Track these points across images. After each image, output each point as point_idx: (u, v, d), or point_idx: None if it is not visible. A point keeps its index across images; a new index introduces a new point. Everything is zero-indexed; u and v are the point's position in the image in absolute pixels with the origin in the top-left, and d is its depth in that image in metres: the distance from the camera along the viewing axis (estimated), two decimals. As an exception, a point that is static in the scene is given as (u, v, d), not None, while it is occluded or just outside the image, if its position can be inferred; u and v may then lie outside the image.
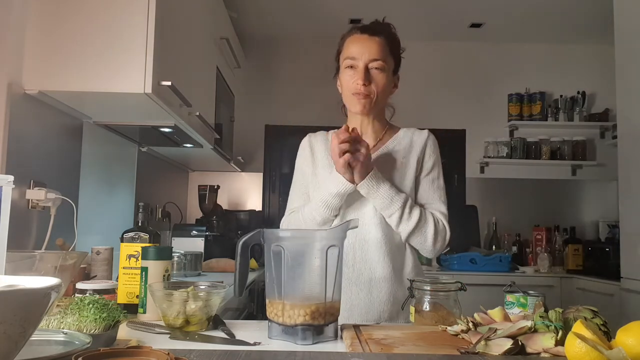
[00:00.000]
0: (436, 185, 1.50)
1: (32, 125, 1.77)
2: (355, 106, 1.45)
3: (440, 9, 3.74)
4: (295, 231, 1.36)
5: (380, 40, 1.43)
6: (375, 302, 1.41)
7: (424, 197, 1.48)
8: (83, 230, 2.00)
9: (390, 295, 1.41)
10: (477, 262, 3.54)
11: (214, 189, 3.59)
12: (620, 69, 2.89)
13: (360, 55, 1.42)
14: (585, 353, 0.78)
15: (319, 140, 1.57)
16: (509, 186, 4.22)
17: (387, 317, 1.41)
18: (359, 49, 1.42)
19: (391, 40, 1.46)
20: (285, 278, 1.05)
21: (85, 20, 1.71)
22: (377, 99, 1.44)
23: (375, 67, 1.41)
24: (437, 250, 1.45)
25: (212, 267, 2.84)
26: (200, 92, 2.52)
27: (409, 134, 1.54)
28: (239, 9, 3.65)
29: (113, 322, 0.97)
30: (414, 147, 1.50)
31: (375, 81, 1.42)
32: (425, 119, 4.23)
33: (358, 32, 1.46)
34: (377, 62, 1.41)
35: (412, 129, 1.55)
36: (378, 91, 1.43)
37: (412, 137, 1.52)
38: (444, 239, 1.44)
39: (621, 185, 2.88)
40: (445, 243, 1.45)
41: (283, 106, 4.24)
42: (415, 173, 1.47)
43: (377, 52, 1.41)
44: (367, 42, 1.43)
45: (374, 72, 1.42)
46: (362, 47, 1.42)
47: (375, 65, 1.41)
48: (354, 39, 1.45)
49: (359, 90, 1.41)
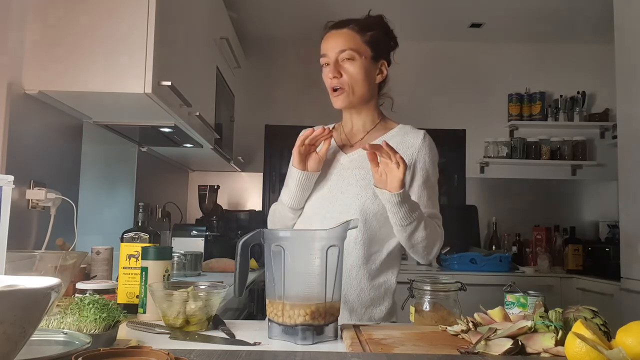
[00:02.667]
0: (431, 192, 1.46)
1: (32, 125, 1.77)
2: (334, 102, 1.45)
3: (440, 9, 3.73)
4: (295, 231, 1.36)
5: (346, 32, 1.43)
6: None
7: (418, 201, 1.42)
8: (83, 230, 2.00)
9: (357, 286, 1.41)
10: (477, 262, 3.54)
11: (214, 189, 3.59)
12: (620, 69, 2.89)
13: (330, 51, 1.42)
14: (585, 353, 0.78)
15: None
16: (509, 186, 4.22)
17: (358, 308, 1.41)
18: (328, 45, 1.43)
19: (363, 29, 1.44)
20: (285, 278, 1.05)
21: (86, 21, 1.71)
22: (354, 90, 1.42)
23: (346, 58, 1.41)
24: (433, 257, 1.44)
25: (212, 267, 2.84)
26: (200, 92, 2.52)
27: (402, 131, 1.49)
28: (239, 9, 3.65)
29: (113, 322, 0.97)
30: (405, 147, 1.44)
31: (347, 72, 1.41)
32: (425, 119, 4.23)
33: (329, 29, 1.47)
34: (345, 53, 1.40)
35: (408, 127, 1.51)
36: (351, 82, 1.41)
37: (406, 136, 1.48)
38: (440, 247, 1.45)
39: (621, 185, 2.88)
40: (440, 248, 1.46)
41: (283, 106, 4.24)
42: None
43: (343, 43, 1.41)
44: (334, 37, 1.43)
45: (344, 63, 1.41)
46: (330, 43, 1.43)
47: (345, 56, 1.40)
48: (325, 38, 1.46)
49: (332, 85, 1.42)
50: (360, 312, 1.42)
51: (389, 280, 1.45)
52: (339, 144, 1.52)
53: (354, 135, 1.52)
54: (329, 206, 1.43)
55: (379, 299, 1.43)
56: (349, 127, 1.53)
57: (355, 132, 1.52)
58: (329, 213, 1.42)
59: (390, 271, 1.46)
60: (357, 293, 1.41)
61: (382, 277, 1.44)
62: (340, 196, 1.42)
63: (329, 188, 1.45)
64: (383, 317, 1.44)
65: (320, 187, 1.46)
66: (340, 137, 1.54)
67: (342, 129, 1.56)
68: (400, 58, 1.59)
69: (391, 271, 1.46)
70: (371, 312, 1.42)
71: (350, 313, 1.41)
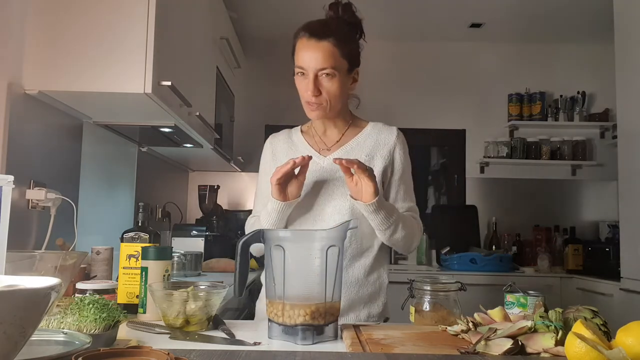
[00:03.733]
0: (408, 186, 1.51)
1: (32, 125, 1.77)
2: (310, 114, 1.44)
3: (440, 9, 3.73)
4: (296, 231, 1.36)
5: (327, 46, 1.37)
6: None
7: (394, 197, 1.49)
8: (83, 230, 2.00)
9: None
10: (477, 262, 3.54)
11: (214, 189, 3.59)
12: (620, 69, 2.89)
13: (308, 65, 1.37)
14: (585, 353, 0.78)
15: (280, 140, 1.56)
16: (509, 186, 4.22)
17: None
18: (307, 58, 1.38)
19: (341, 39, 1.39)
20: (285, 278, 1.05)
21: (86, 20, 1.71)
22: (331, 104, 1.41)
23: (325, 74, 1.37)
24: (413, 249, 1.51)
25: (212, 267, 2.84)
26: (200, 92, 2.52)
27: (375, 130, 1.52)
28: (239, 9, 3.65)
29: (113, 322, 0.97)
30: (381, 146, 1.48)
31: (326, 89, 1.38)
32: (425, 119, 4.24)
33: (306, 35, 1.40)
34: (326, 70, 1.37)
35: (380, 125, 1.53)
36: (330, 98, 1.40)
37: (379, 134, 1.50)
38: (419, 239, 1.51)
39: (621, 185, 2.88)
40: (419, 240, 1.52)
41: (283, 106, 4.24)
42: (382, 173, 1.45)
43: (324, 60, 1.36)
44: (314, 50, 1.37)
45: (324, 80, 1.38)
46: (309, 56, 1.37)
47: (325, 72, 1.37)
48: (302, 45, 1.40)
49: (310, 100, 1.40)
50: (359, 309, 1.44)
51: (382, 276, 1.50)
52: (314, 147, 1.51)
53: (328, 138, 1.52)
54: (321, 211, 1.43)
55: (376, 295, 1.47)
56: (321, 130, 1.53)
57: (330, 135, 1.52)
58: (320, 216, 1.43)
59: (382, 267, 1.51)
60: (357, 290, 1.44)
61: (376, 273, 1.48)
62: (330, 199, 1.43)
63: (316, 193, 1.44)
64: (380, 312, 1.47)
65: (308, 194, 1.44)
66: (314, 139, 1.53)
67: (314, 131, 1.55)
68: (400, 58, 1.59)
69: (382, 267, 1.51)
70: (370, 307, 1.46)
71: (350, 310, 1.42)
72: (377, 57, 4.14)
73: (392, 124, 1.56)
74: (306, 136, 1.54)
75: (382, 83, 4.11)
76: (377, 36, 4.13)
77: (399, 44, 4.23)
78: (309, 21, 1.45)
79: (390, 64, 4.20)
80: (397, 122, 1.59)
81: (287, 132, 1.58)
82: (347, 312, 1.42)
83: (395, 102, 4.15)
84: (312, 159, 1.40)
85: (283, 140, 1.56)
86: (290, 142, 1.55)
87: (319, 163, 1.47)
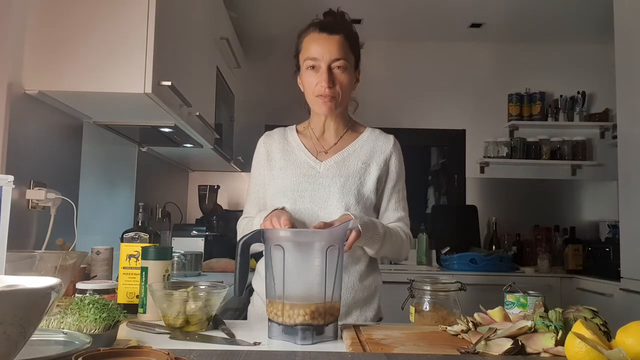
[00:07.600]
0: (401, 195, 1.51)
1: (32, 125, 1.77)
2: (321, 108, 1.42)
3: (440, 9, 3.73)
4: (296, 231, 1.36)
5: (339, 39, 1.39)
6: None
7: (386, 206, 1.49)
8: (83, 230, 2.00)
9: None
10: (477, 262, 3.54)
11: (214, 189, 3.59)
12: (620, 69, 2.89)
13: (322, 56, 1.38)
14: (585, 353, 0.78)
15: (275, 140, 1.55)
16: (509, 186, 4.22)
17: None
18: (320, 50, 1.39)
19: (350, 36, 1.42)
20: (285, 278, 1.05)
21: (85, 21, 1.71)
22: (342, 99, 1.42)
23: (338, 67, 1.38)
24: (402, 259, 1.54)
25: (212, 267, 2.84)
26: (200, 92, 2.52)
27: (373, 137, 1.51)
28: (239, 9, 3.65)
29: (113, 322, 0.97)
30: (377, 154, 1.48)
31: (339, 81, 1.39)
32: (425, 119, 4.24)
33: (317, 30, 1.41)
34: (340, 62, 1.38)
35: (377, 132, 1.53)
36: (342, 91, 1.40)
37: (376, 141, 1.50)
38: (407, 251, 1.51)
39: (621, 185, 2.88)
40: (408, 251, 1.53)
41: (283, 106, 4.23)
42: (377, 181, 1.45)
43: (338, 52, 1.38)
44: (327, 42, 1.39)
45: (337, 72, 1.39)
46: (322, 47, 1.38)
47: (338, 64, 1.38)
48: (314, 38, 1.41)
49: (324, 93, 1.39)
50: (355, 314, 1.44)
51: (376, 280, 1.50)
52: (311, 150, 1.50)
53: (326, 141, 1.51)
54: (316, 218, 1.40)
55: (370, 298, 1.47)
56: (319, 132, 1.52)
57: (327, 138, 1.51)
58: (315, 221, 1.39)
59: (376, 272, 1.51)
60: (352, 295, 1.43)
61: (370, 278, 1.48)
62: (325, 204, 1.42)
63: (311, 199, 1.42)
64: (374, 315, 1.47)
65: (303, 198, 1.42)
66: (311, 142, 1.51)
67: (311, 132, 1.53)
68: (400, 58, 1.59)
69: (376, 272, 1.51)
70: (366, 311, 1.46)
71: (347, 315, 1.42)
72: (377, 57, 4.14)
73: (392, 124, 1.56)
74: (302, 137, 1.53)
75: (383, 83, 4.11)
76: (377, 36, 4.13)
77: (399, 43, 4.23)
78: (314, 20, 1.46)
79: (391, 64, 4.20)
80: (397, 122, 1.59)
81: (282, 131, 1.56)
82: (345, 317, 1.41)
83: (396, 102, 4.15)
84: (307, 160, 1.41)
85: (278, 140, 1.54)
86: (285, 142, 1.53)
87: (314, 167, 1.46)
